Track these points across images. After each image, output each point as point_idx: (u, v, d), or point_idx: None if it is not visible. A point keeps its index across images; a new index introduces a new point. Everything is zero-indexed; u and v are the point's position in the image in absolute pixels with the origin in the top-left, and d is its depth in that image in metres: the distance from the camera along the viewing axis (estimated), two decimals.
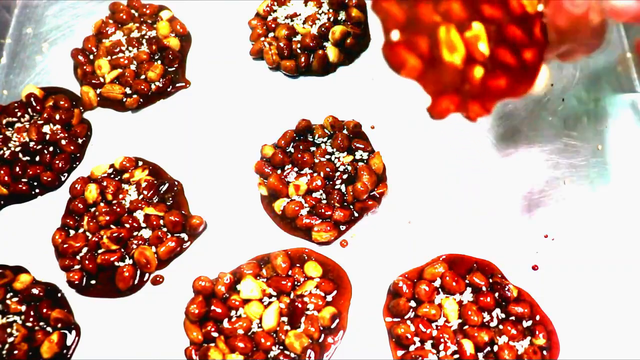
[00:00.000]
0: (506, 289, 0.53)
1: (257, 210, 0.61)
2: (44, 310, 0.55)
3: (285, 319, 0.54)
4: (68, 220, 0.61)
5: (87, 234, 0.60)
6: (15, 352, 0.53)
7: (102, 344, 0.55)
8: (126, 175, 0.63)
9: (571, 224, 0.57)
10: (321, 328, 0.53)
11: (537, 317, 0.53)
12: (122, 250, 0.59)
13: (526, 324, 0.52)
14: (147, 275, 0.58)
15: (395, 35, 0.34)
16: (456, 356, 0.51)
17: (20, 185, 0.63)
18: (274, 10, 0.72)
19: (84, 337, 0.55)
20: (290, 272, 0.56)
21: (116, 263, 0.58)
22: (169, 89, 0.69)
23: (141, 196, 0.61)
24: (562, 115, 0.63)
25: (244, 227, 0.60)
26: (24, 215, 0.63)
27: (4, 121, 0.67)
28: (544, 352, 0.51)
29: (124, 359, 0.54)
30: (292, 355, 0.52)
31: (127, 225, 0.59)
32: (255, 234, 0.59)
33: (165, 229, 0.59)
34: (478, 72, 0.36)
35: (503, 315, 0.53)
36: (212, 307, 0.54)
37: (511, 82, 0.37)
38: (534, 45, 0.38)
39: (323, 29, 0.68)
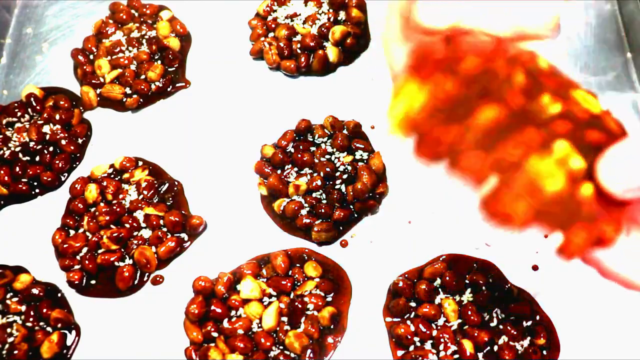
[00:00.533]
0: (506, 288, 0.53)
1: (257, 210, 0.61)
2: (44, 310, 0.55)
3: (285, 319, 0.54)
4: (68, 220, 0.61)
5: (87, 234, 0.60)
6: (15, 352, 0.53)
7: (102, 344, 0.55)
8: (126, 175, 0.63)
9: None
10: (321, 328, 0.53)
11: (537, 317, 0.53)
12: (122, 250, 0.59)
13: (526, 324, 0.52)
14: (147, 275, 0.58)
15: (487, 187, 0.31)
16: (456, 356, 0.51)
17: (20, 185, 0.63)
18: (274, 10, 0.72)
19: (84, 337, 0.55)
20: (290, 272, 0.56)
21: (116, 263, 0.58)
22: (169, 89, 0.69)
23: (141, 196, 0.61)
24: None
25: (243, 227, 0.60)
26: (24, 215, 0.63)
27: (4, 121, 0.67)
28: (544, 352, 0.51)
29: (124, 359, 0.54)
30: (292, 355, 0.52)
31: (127, 225, 0.59)
32: (255, 233, 0.59)
33: (165, 229, 0.59)
34: (587, 190, 0.31)
35: (503, 315, 0.53)
36: (212, 307, 0.54)
37: None
38: (617, 139, 0.33)
39: (323, 29, 0.68)
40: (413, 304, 0.54)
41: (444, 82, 0.32)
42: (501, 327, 0.52)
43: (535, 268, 0.55)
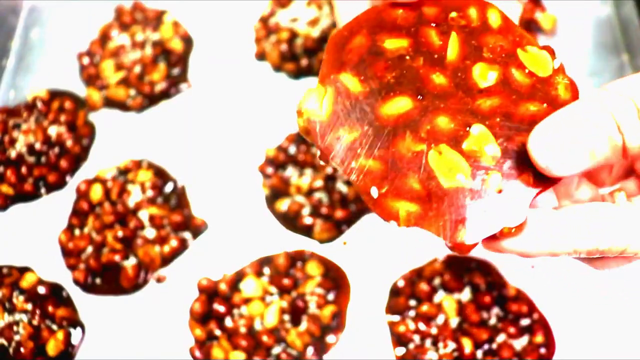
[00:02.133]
0: (504, 287, 0.54)
1: (259, 210, 0.61)
2: (50, 309, 0.56)
3: (286, 317, 0.54)
4: (73, 220, 0.61)
5: (92, 233, 0.60)
6: (22, 349, 0.54)
7: (107, 341, 0.56)
8: (130, 176, 0.63)
9: None
10: (322, 326, 0.54)
11: (535, 316, 0.53)
12: (127, 249, 0.59)
13: (524, 322, 0.53)
14: (151, 274, 0.59)
15: (375, 192, 0.28)
16: (455, 354, 0.52)
17: (26, 186, 0.64)
18: (276, 13, 0.72)
19: (89, 335, 0.56)
20: (291, 271, 0.57)
21: (120, 262, 0.59)
22: (172, 91, 0.69)
23: (145, 196, 0.62)
24: None
25: (246, 227, 0.60)
26: (29, 215, 0.63)
27: (11, 123, 0.68)
28: (542, 350, 0.52)
29: (128, 356, 0.55)
30: (294, 352, 0.53)
31: (132, 225, 0.60)
32: (257, 233, 0.60)
33: (168, 229, 0.60)
34: (494, 180, 0.28)
35: (502, 314, 0.53)
36: (215, 306, 0.55)
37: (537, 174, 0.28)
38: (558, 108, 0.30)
39: (325, 31, 0.69)
40: (413, 303, 0.54)
41: (353, 76, 0.29)
42: (500, 325, 0.53)
43: (533, 267, 0.56)
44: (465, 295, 0.54)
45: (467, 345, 0.51)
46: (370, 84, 0.29)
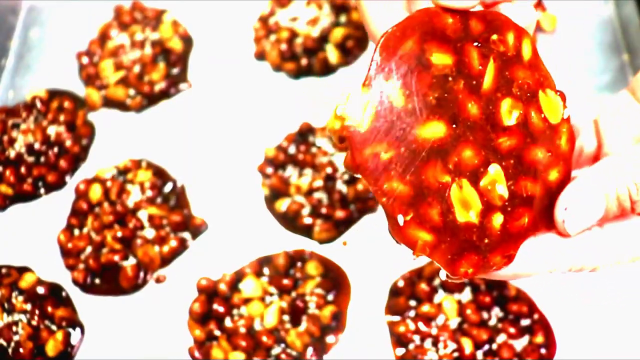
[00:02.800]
0: (505, 287, 0.54)
1: (258, 210, 0.61)
2: (49, 309, 0.56)
3: (286, 317, 0.54)
4: (72, 220, 0.61)
5: (92, 233, 0.60)
6: (21, 350, 0.54)
7: (106, 342, 0.56)
8: (130, 176, 0.63)
9: None
10: (322, 326, 0.54)
11: (536, 316, 0.53)
12: (126, 249, 0.59)
13: (524, 322, 0.53)
14: (150, 274, 0.59)
15: (401, 220, 0.28)
16: (455, 354, 0.52)
17: (25, 186, 0.64)
18: (275, 13, 0.72)
19: (89, 335, 0.56)
20: (291, 271, 0.57)
21: (120, 262, 0.59)
22: (171, 91, 0.69)
23: (144, 196, 0.62)
24: None
25: (245, 227, 0.60)
26: (28, 215, 0.63)
27: (10, 122, 0.68)
28: (542, 350, 0.52)
29: (127, 356, 0.55)
30: (293, 353, 0.53)
31: (131, 225, 0.60)
32: (257, 233, 0.60)
33: (168, 229, 0.60)
34: (497, 220, 0.30)
35: (502, 314, 0.53)
36: (215, 306, 0.55)
37: (534, 216, 0.30)
38: (560, 160, 0.31)
39: (324, 31, 0.69)
40: (413, 303, 0.54)
41: (399, 89, 0.28)
42: (500, 325, 0.53)
43: None
44: (466, 295, 0.54)
45: (467, 345, 0.51)
46: (414, 100, 0.28)
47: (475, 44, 0.30)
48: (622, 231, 0.31)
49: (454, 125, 0.29)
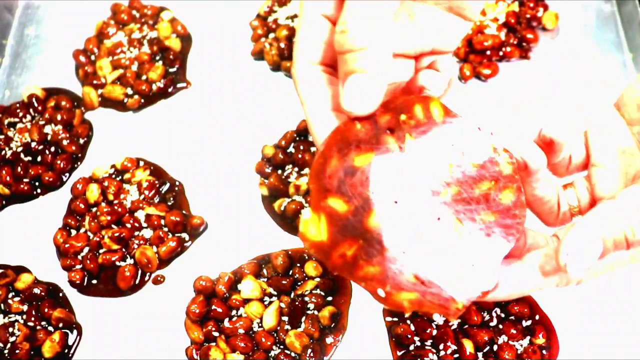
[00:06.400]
0: None
1: (257, 210, 0.61)
2: (46, 310, 0.56)
3: (285, 318, 0.54)
4: (69, 220, 0.61)
5: (89, 233, 0.60)
6: (17, 351, 0.53)
7: (104, 343, 0.55)
8: (127, 175, 0.63)
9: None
10: (321, 327, 0.54)
11: (537, 317, 0.53)
12: (124, 250, 0.59)
13: (526, 323, 0.53)
14: (148, 275, 0.58)
15: (382, 292, 0.32)
16: (456, 355, 0.51)
17: (22, 186, 0.63)
18: (274, 11, 0.72)
19: (86, 336, 0.56)
20: (290, 272, 0.56)
21: (117, 263, 0.58)
22: (170, 90, 0.69)
23: (142, 196, 0.61)
24: None
25: (244, 227, 0.60)
26: (25, 215, 0.63)
27: (6, 121, 0.67)
28: (544, 352, 0.52)
29: (125, 358, 0.55)
30: (293, 354, 0.53)
31: (129, 225, 0.59)
32: (256, 233, 0.59)
33: (166, 229, 0.60)
34: (470, 259, 0.34)
35: (503, 315, 0.53)
36: (213, 307, 0.54)
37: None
38: (507, 181, 0.35)
39: None
40: None
41: (338, 199, 0.32)
42: (501, 326, 0.52)
43: None
44: None
45: (468, 346, 0.51)
46: (354, 202, 0.32)
47: (388, 131, 0.34)
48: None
49: (395, 202, 0.33)
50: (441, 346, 0.51)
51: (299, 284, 0.56)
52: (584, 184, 0.39)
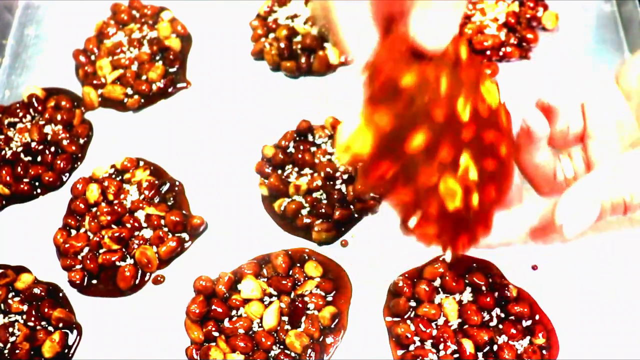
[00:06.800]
0: (506, 288, 0.53)
1: (257, 210, 0.61)
2: (46, 310, 0.55)
3: (285, 318, 0.54)
4: (69, 220, 0.61)
5: (89, 233, 0.60)
6: (17, 351, 0.53)
7: (104, 343, 0.55)
8: (127, 175, 0.63)
9: None
10: (321, 327, 0.54)
11: (537, 317, 0.53)
12: (124, 250, 0.59)
13: (526, 323, 0.53)
14: (148, 275, 0.58)
15: (413, 222, 0.34)
16: (456, 355, 0.51)
17: (22, 186, 0.63)
18: (274, 11, 0.72)
19: (86, 336, 0.56)
20: (290, 272, 0.56)
21: (117, 263, 0.58)
22: (170, 90, 0.69)
23: (142, 196, 0.61)
24: None
25: (244, 227, 0.60)
26: (25, 215, 0.63)
27: (6, 121, 0.67)
28: (544, 352, 0.52)
29: (125, 358, 0.55)
30: (293, 354, 0.53)
31: (129, 225, 0.59)
32: (256, 233, 0.59)
33: (166, 229, 0.60)
34: (474, 199, 0.36)
35: (503, 315, 0.53)
36: (213, 307, 0.54)
37: (497, 188, 0.37)
38: (505, 136, 0.38)
39: (323, 29, 0.68)
40: (413, 304, 0.54)
41: (384, 115, 0.32)
42: (501, 326, 0.52)
43: (534, 268, 0.55)
44: (466, 296, 0.54)
45: (468, 346, 0.51)
46: (400, 120, 0.32)
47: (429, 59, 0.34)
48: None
49: (431, 131, 0.33)
50: (441, 346, 0.51)
51: (299, 284, 0.56)
52: (581, 155, 0.38)
